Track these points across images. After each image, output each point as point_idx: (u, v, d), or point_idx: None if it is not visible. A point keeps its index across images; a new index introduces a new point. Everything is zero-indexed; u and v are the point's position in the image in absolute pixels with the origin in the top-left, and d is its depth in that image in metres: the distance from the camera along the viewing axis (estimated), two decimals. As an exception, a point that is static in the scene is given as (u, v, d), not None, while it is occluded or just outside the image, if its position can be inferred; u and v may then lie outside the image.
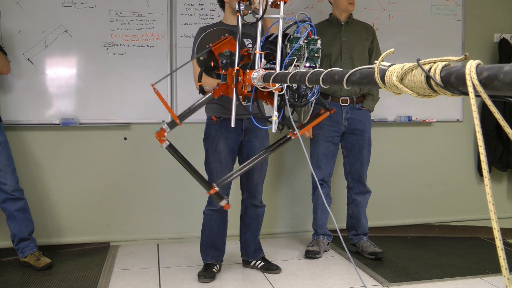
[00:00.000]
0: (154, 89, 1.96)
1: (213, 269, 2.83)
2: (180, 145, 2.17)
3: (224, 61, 1.97)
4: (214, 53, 2.06)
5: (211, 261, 2.85)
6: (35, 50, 3.21)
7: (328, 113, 2.14)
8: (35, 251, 2.99)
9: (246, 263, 3.01)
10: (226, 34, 2.09)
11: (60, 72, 3.28)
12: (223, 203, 2.10)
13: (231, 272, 2.93)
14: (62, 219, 3.35)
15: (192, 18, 3.43)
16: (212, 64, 2.09)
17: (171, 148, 2.06)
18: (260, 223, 2.98)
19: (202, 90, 2.26)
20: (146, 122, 3.41)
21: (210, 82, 2.27)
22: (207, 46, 2.09)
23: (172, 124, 2.05)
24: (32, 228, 3.02)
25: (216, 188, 2.04)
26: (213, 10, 3.43)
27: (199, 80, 2.21)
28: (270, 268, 2.93)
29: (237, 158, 2.90)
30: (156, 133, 2.03)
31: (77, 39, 3.26)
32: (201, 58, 2.08)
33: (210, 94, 2.05)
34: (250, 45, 2.70)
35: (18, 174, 3.01)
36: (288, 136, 2.13)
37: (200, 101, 2.09)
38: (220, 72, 2.01)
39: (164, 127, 2.03)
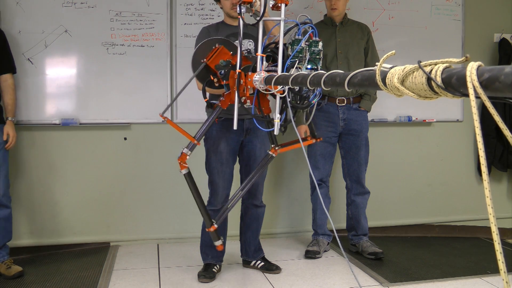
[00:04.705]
0: (164, 118, 2.01)
1: (213, 269, 2.83)
2: (181, 145, 2.17)
3: (223, 71, 1.98)
4: (210, 66, 2.08)
5: (211, 261, 2.86)
6: (35, 50, 3.21)
7: (314, 140, 2.21)
8: (6, 259, 2.85)
9: (246, 263, 3.01)
10: (217, 44, 2.10)
11: (60, 72, 3.28)
12: (218, 243, 2.22)
13: (231, 272, 2.93)
14: (62, 219, 3.35)
15: (192, 18, 3.42)
16: (212, 78, 2.10)
17: (189, 177, 2.10)
18: (261, 223, 2.98)
19: (209, 105, 2.28)
20: (146, 122, 3.41)
21: (215, 90, 2.29)
22: (201, 61, 2.10)
23: (191, 146, 2.07)
24: (10, 238, 2.88)
25: (215, 226, 2.15)
26: (213, 10, 3.43)
27: (204, 97, 2.24)
28: (270, 268, 2.93)
29: (238, 158, 2.90)
30: (178, 159, 2.04)
31: (77, 39, 3.26)
32: (215, 78, 2.09)
33: (219, 107, 2.06)
34: (252, 46, 2.70)
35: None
36: (270, 153, 2.20)
37: (212, 116, 2.10)
38: (222, 83, 2.02)
39: (185, 151, 2.03)
